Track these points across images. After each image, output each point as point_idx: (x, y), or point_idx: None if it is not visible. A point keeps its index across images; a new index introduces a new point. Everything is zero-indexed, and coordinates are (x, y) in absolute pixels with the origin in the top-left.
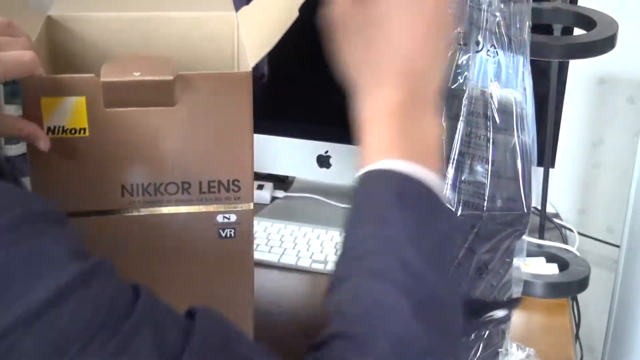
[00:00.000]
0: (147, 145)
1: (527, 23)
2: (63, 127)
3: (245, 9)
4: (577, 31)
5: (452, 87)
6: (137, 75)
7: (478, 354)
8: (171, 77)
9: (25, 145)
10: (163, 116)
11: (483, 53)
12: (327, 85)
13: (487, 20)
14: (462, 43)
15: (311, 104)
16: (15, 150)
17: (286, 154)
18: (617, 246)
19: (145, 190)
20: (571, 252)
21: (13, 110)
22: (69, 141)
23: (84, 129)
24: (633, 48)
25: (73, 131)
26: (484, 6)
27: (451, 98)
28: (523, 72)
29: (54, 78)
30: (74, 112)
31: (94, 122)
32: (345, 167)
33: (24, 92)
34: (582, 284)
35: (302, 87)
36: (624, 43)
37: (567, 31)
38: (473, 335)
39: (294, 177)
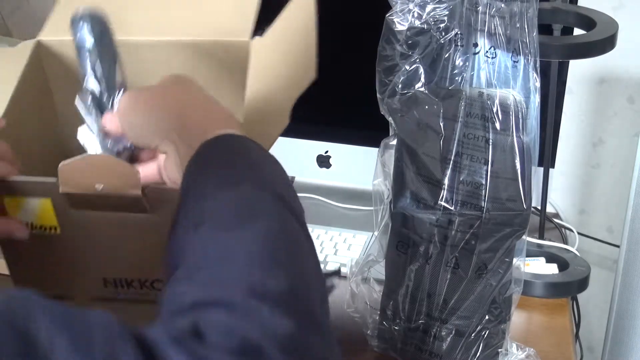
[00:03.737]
0: (126, 243)
1: (534, 23)
2: (32, 223)
3: (258, 40)
4: (577, 31)
5: (450, 88)
6: (99, 189)
7: (478, 354)
8: (138, 193)
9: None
10: (138, 220)
11: (481, 54)
12: (327, 86)
13: (485, 21)
14: (459, 44)
15: (311, 104)
16: None
17: (286, 154)
18: (617, 246)
19: (129, 285)
20: (571, 252)
21: None
22: (41, 236)
23: (55, 227)
24: (633, 48)
25: (43, 228)
26: (481, 7)
27: (448, 99)
28: (530, 72)
29: (12, 182)
30: (40, 211)
31: (64, 221)
32: (345, 167)
33: None
34: (582, 284)
35: None
36: (624, 43)
37: (567, 31)
38: (473, 335)
39: (293, 177)
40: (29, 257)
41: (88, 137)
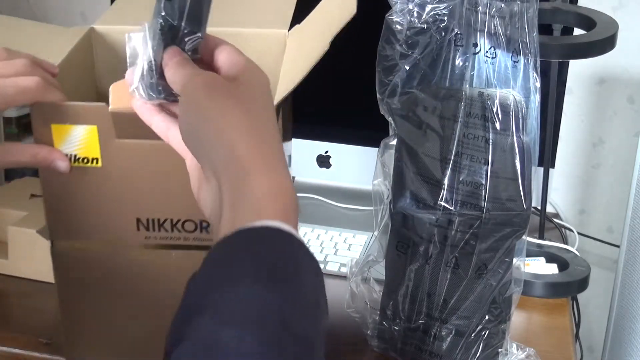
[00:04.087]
0: (163, 178)
1: (534, 23)
2: (75, 155)
3: (296, 27)
4: (577, 31)
5: (450, 88)
6: None
7: (478, 354)
8: None
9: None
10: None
11: (481, 54)
12: (327, 86)
13: (485, 22)
14: (459, 44)
15: (311, 104)
16: None
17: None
18: (617, 246)
19: (161, 226)
20: (571, 252)
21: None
22: (82, 170)
23: (97, 159)
24: (633, 48)
25: (85, 160)
26: (481, 7)
27: (448, 99)
28: (530, 72)
29: (63, 106)
30: (85, 140)
31: (106, 152)
32: (345, 167)
33: (33, 118)
34: (582, 284)
35: (301, 87)
36: (624, 43)
37: (567, 31)
38: (473, 335)
39: (293, 177)
40: (66, 194)
41: (136, 52)
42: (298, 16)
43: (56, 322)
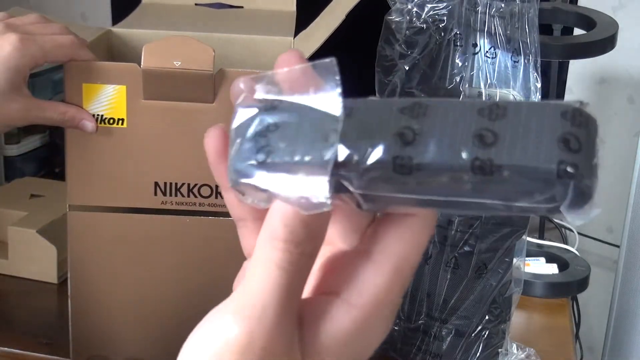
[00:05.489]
0: (183, 141)
1: (534, 23)
2: (102, 115)
3: (302, 33)
4: (577, 31)
5: (449, 87)
6: (177, 65)
7: (478, 354)
8: (211, 71)
9: (49, 136)
10: (201, 112)
11: (481, 54)
12: None
13: (484, 22)
14: (458, 44)
15: None
16: (15, 150)
17: None
18: (617, 246)
19: (177, 190)
20: (571, 252)
21: None
22: (107, 131)
23: (122, 120)
24: (633, 48)
25: (111, 121)
26: (480, 7)
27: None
28: (530, 72)
29: (96, 64)
30: (113, 100)
31: (132, 113)
32: None
33: (66, 77)
34: (582, 284)
35: None
36: (624, 43)
37: (567, 31)
38: (473, 335)
39: None
40: (89, 155)
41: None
42: (298, 31)
43: (56, 322)
